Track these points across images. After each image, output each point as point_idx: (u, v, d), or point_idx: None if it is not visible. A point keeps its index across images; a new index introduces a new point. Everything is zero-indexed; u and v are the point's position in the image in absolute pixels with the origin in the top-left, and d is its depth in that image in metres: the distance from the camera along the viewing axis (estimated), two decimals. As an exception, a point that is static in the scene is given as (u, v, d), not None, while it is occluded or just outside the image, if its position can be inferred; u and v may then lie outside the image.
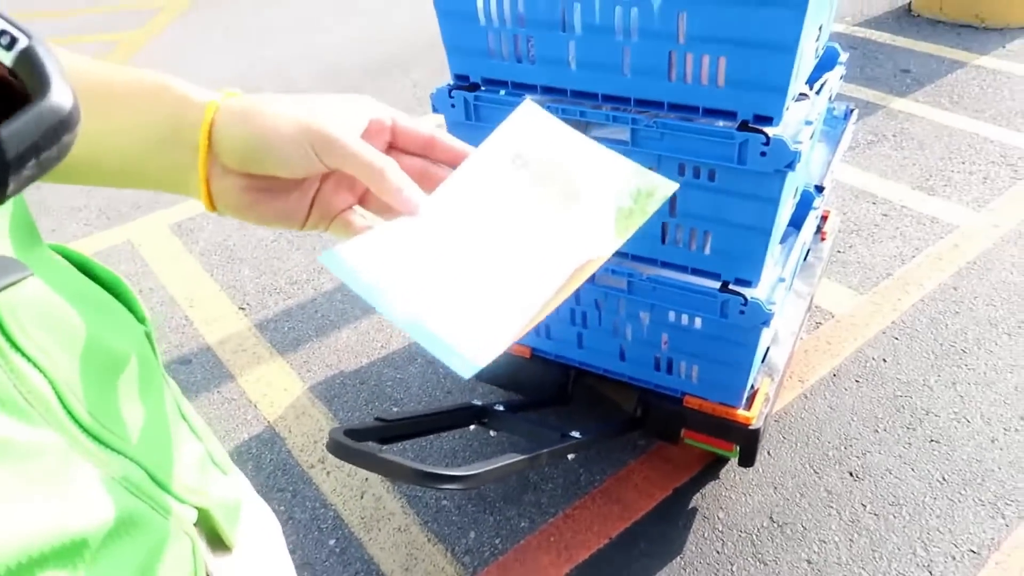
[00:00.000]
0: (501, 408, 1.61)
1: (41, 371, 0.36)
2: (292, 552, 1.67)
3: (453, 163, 0.54)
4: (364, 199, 0.55)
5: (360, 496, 1.81)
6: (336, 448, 1.20)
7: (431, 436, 1.90)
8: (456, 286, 0.50)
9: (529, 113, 0.56)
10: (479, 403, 1.63)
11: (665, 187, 0.53)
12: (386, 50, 4.31)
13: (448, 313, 0.48)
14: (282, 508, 1.80)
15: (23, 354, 0.35)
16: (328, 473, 1.87)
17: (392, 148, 0.54)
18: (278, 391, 2.12)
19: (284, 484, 1.85)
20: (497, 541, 1.70)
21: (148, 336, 0.49)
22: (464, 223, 0.52)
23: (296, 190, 0.52)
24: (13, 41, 0.29)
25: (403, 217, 0.52)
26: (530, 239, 0.52)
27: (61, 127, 0.28)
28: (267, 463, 1.91)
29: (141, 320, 0.50)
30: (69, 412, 0.38)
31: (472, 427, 1.64)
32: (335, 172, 0.53)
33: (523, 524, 1.73)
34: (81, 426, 0.39)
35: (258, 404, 2.09)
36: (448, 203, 0.52)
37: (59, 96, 0.28)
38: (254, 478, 1.87)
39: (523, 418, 1.63)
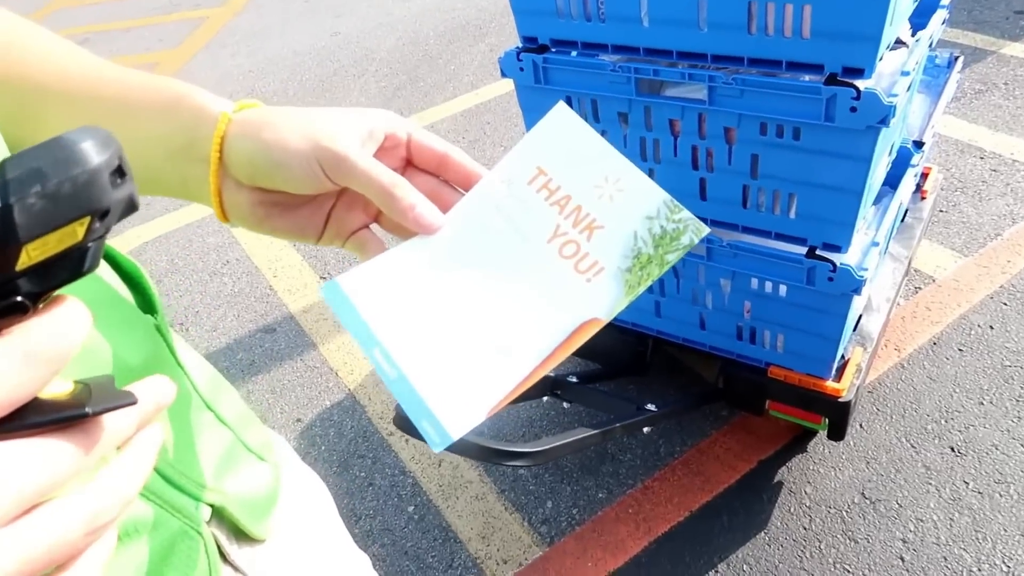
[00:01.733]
0: (574, 380, 1.58)
1: None
2: (372, 517, 1.71)
3: (464, 185, 0.51)
4: (380, 218, 0.52)
5: (438, 464, 1.82)
6: (403, 423, 1.20)
7: (507, 407, 1.89)
8: (448, 338, 0.47)
9: (560, 118, 0.52)
10: (552, 374, 1.61)
11: (693, 232, 0.47)
12: (462, 16, 4.27)
13: (435, 371, 0.46)
14: (363, 474, 1.83)
15: None
16: (407, 441, 1.89)
17: (409, 166, 0.52)
18: (358, 360, 2.15)
19: (364, 451, 1.89)
20: (575, 512, 1.68)
21: (159, 328, 0.48)
22: (468, 258, 0.49)
23: (309, 206, 0.50)
24: None
25: (409, 243, 0.49)
26: (534, 282, 0.48)
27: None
28: (348, 430, 1.95)
29: (153, 311, 0.49)
30: None
31: (545, 398, 1.62)
32: (348, 189, 0.50)
33: (601, 495, 1.71)
34: None
35: (339, 372, 2.13)
36: (454, 234, 0.50)
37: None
38: (336, 444, 1.92)
39: (598, 389, 1.60)
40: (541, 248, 0.49)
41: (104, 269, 0.49)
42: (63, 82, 0.46)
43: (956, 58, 1.82)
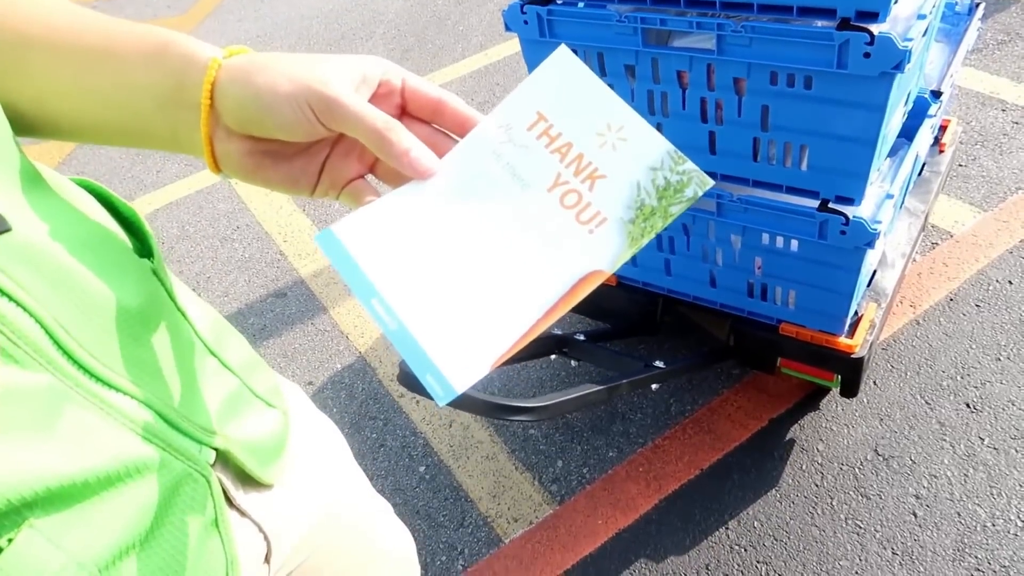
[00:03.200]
0: (582, 338, 1.57)
1: (26, 310, 0.35)
2: (384, 477, 1.72)
3: (460, 132, 0.49)
4: (375, 168, 0.51)
5: (449, 425, 1.83)
6: (407, 380, 1.19)
7: (515, 365, 1.89)
8: (449, 288, 0.46)
9: (562, 62, 0.50)
10: (559, 332, 1.60)
11: (698, 184, 0.46)
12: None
13: (436, 322, 0.45)
14: (374, 435, 1.84)
15: (2, 292, 0.34)
16: (418, 402, 1.89)
17: (404, 114, 0.50)
18: (369, 323, 2.15)
19: (376, 412, 1.90)
20: (585, 470, 1.69)
21: (156, 272, 0.48)
22: (466, 206, 0.48)
23: (302, 156, 0.49)
24: None
25: (405, 188, 0.48)
26: (535, 232, 0.47)
27: None
28: (359, 392, 1.96)
29: (150, 255, 0.48)
30: (66, 352, 0.37)
31: (553, 357, 1.61)
32: (342, 138, 0.49)
33: (611, 454, 1.71)
34: (81, 366, 0.37)
35: (350, 335, 2.13)
36: (451, 180, 0.48)
37: None
38: (347, 406, 1.93)
39: (606, 348, 1.59)
40: (542, 196, 0.48)
41: (101, 213, 0.49)
42: (48, 33, 0.45)
43: (977, 5, 1.76)
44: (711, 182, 0.46)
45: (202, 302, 0.59)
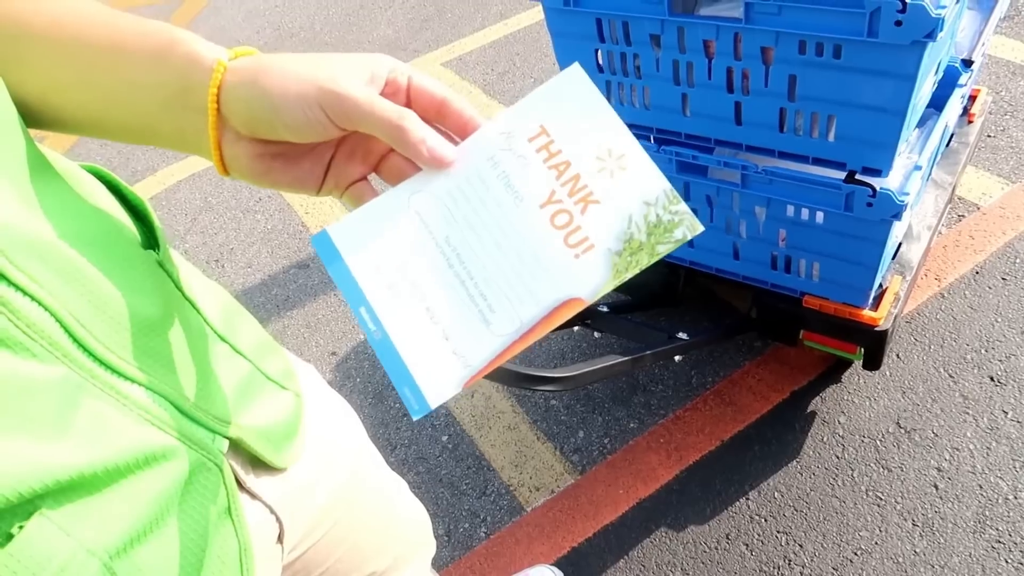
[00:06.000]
0: (605, 309, 1.58)
1: (39, 303, 0.35)
2: (407, 447, 1.75)
3: (461, 135, 0.49)
4: (379, 168, 0.50)
5: (471, 395, 1.85)
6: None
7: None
8: (432, 302, 0.46)
9: (573, 79, 0.49)
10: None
11: (688, 227, 0.46)
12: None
13: (418, 336, 0.45)
14: (397, 405, 1.87)
15: (16, 287, 0.34)
16: (440, 373, 1.91)
17: None
18: (391, 294, 2.16)
19: (399, 383, 1.92)
20: (606, 441, 1.70)
21: (161, 264, 0.48)
22: (457, 212, 0.47)
23: (309, 157, 0.48)
24: None
25: (403, 186, 0.48)
26: (522, 249, 0.47)
27: None
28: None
29: (156, 246, 0.48)
30: (80, 344, 0.37)
31: (576, 328, 1.62)
32: (349, 138, 0.49)
33: (632, 425, 1.72)
34: (96, 358, 0.38)
35: (372, 307, 2.14)
36: (447, 180, 0.48)
37: None
38: (371, 376, 1.95)
39: (628, 319, 1.59)
40: (533, 212, 0.47)
41: (109, 202, 0.49)
42: (52, 25, 0.45)
43: (1011, -29, 1.72)
44: (701, 228, 0.46)
45: (213, 285, 0.59)
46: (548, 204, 0.47)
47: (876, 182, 1.22)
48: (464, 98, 0.50)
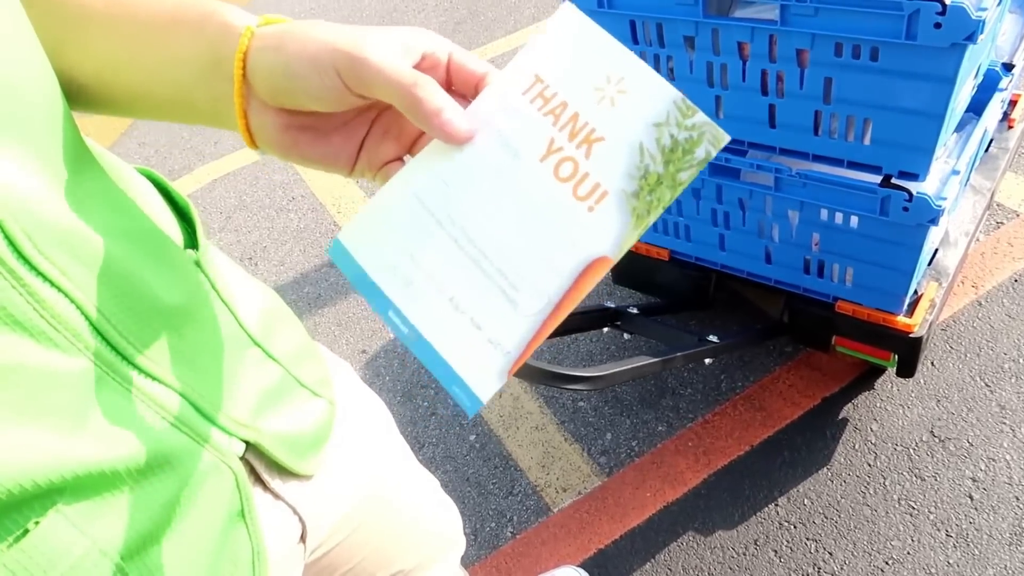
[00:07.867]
0: (635, 311, 1.57)
1: (64, 294, 0.35)
2: (435, 445, 1.76)
3: None
4: (414, 149, 0.48)
5: (499, 395, 1.85)
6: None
7: (567, 338, 1.90)
8: (456, 288, 0.42)
9: (566, 20, 0.44)
10: (612, 305, 1.60)
11: (710, 141, 0.39)
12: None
13: (452, 331, 0.42)
14: (425, 404, 1.88)
15: (43, 276, 0.34)
16: (468, 373, 1.92)
17: (449, 92, 0.46)
18: (421, 294, 2.18)
19: (428, 381, 1.93)
20: (634, 443, 1.70)
21: (199, 263, 0.48)
22: (461, 184, 0.43)
23: (340, 133, 0.47)
24: None
25: (402, 171, 0.45)
26: (532, 213, 0.42)
27: None
28: (412, 360, 1.99)
29: (195, 245, 0.48)
30: (104, 338, 0.37)
31: (606, 330, 1.62)
32: (383, 116, 0.47)
33: (660, 428, 1.71)
34: (119, 353, 0.38)
35: (402, 306, 2.16)
36: (446, 156, 0.44)
37: None
38: (400, 375, 1.96)
39: (658, 321, 1.59)
40: (534, 168, 0.42)
41: (156, 201, 0.49)
42: (108, 6, 0.45)
43: (1055, -27, 1.68)
44: (726, 137, 0.39)
45: (260, 288, 0.58)
46: (549, 155, 0.42)
47: (912, 186, 1.21)
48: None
